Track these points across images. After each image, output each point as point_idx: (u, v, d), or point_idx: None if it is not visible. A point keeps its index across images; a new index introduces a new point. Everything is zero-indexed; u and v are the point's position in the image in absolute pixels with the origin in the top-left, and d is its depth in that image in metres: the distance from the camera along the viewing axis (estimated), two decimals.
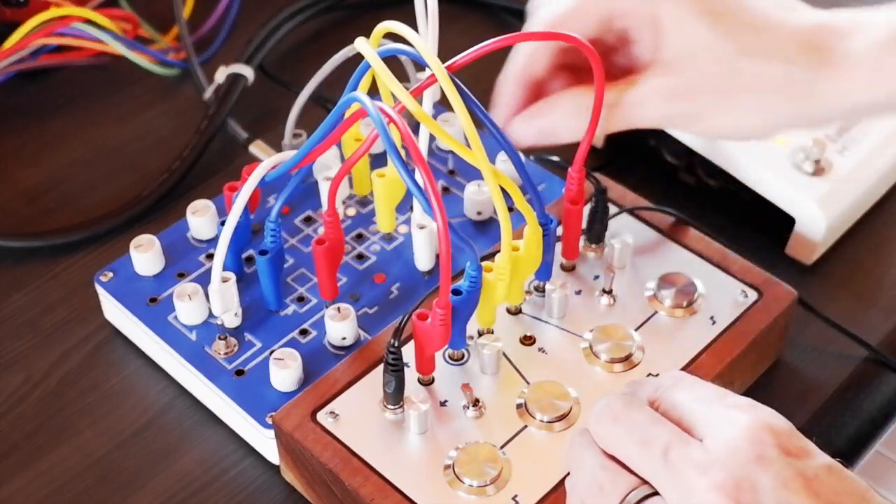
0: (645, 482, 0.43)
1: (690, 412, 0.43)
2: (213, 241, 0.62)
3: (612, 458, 0.44)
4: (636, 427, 0.43)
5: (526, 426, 0.52)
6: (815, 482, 0.40)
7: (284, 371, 0.54)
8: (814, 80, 0.52)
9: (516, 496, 0.49)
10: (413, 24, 0.53)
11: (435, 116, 0.65)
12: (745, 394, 0.58)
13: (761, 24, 0.53)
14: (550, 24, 0.54)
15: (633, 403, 0.44)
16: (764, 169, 0.64)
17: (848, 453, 0.57)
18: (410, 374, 0.53)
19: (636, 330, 0.56)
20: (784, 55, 0.53)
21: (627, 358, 0.54)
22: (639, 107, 0.54)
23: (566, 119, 0.55)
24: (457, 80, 0.48)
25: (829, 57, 0.53)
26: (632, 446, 0.43)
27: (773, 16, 0.53)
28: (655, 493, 0.42)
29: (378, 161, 0.65)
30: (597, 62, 0.51)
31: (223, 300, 0.55)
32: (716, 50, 0.52)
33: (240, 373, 0.56)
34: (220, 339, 0.57)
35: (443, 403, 0.53)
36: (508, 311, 0.57)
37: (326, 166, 0.64)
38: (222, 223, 0.55)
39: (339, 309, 0.56)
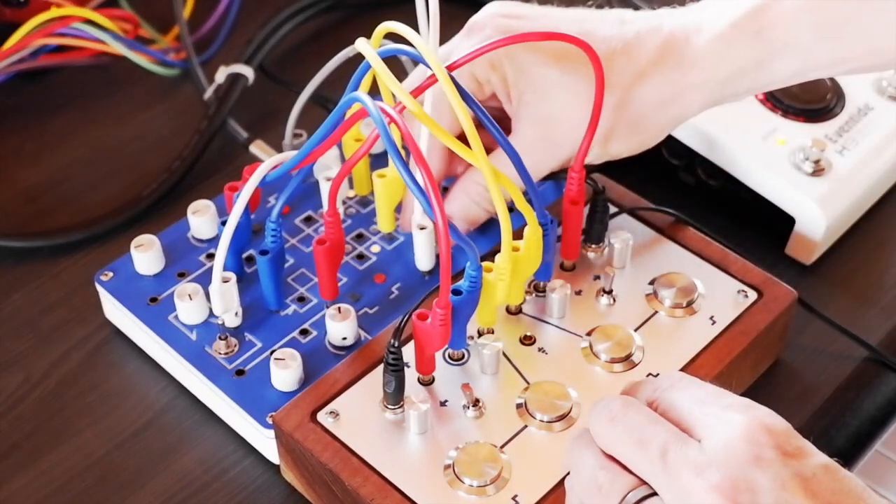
0: (643, 482, 0.43)
1: (688, 413, 0.43)
2: (213, 241, 0.62)
3: (611, 458, 0.44)
4: (634, 427, 0.43)
5: (526, 426, 0.52)
6: (813, 482, 0.40)
7: (285, 371, 0.54)
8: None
9: (516, 496, 0.49)
10: (413, 24, 0.53)
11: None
12: (745, 394, 0.58)
13: (618, 50, 0.55)
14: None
15: (632, 404, 0.45)
16: (764, 169, 0.64)
17: (848, 453, 0.57)
18: (410, 374, 0.53)
19: (636, 330, 0.56)
20: (628, 78, 0.55)
21: (627, 358, 0.54)
22: (528, 164, 0.54)
23: (472, 205, 0.58)
24: (457, 80, 0.48)
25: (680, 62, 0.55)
26: (630, 446, 0.43)
27: (607, 37, 0.55)
28: (654, 494, 0.42)
29: (378, 161, 0.65)
30: (596, 62, 0.51)
31: (224, 300, 0.55)
32: (575, 86, 0.54)
33: (240, 373, 0.56)
34: (220, 338, 0.57)
35: (443, 403, 0.53)
36: (508, 311, 0.57)
37: (327, 166, 0.64)
38: (223, 223, 0.55)
39: (339, 309, 0.56)
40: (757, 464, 0.40)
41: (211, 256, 0.61)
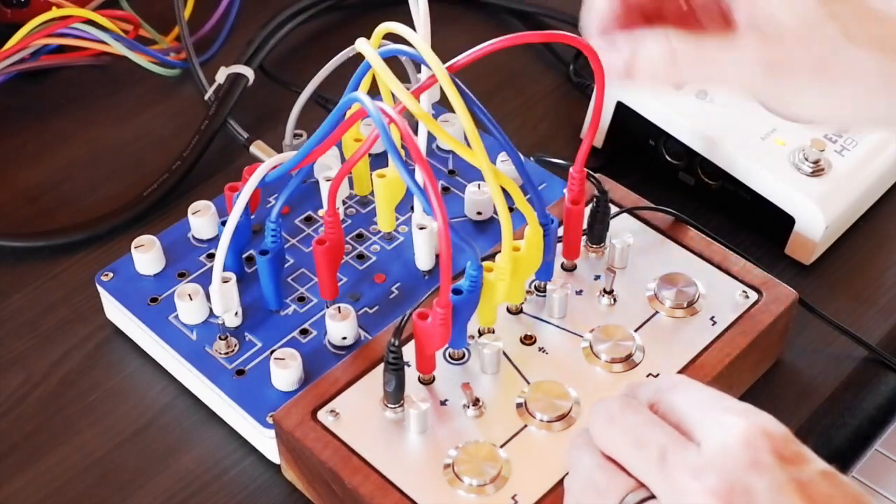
0: (641, 485, 0.43)
1: (688, 415, 0.43)
2: (213, 241, 0.62)
3: (610, 459, 0.44)
4: (633, 428, 0.43)
5: (526, 426, 0.52)
6: (810, 487, 0.40)
7: (285, 371, 0.54)
8: None
9: (515, 495, 0.49)
10: (413, 24, 0.53)
11: (435, 117, 0.65)
12: (746, 394, 0.59)
13: (874, 17, 0.48)
14: None
15: (631, 405, 0.44)
16: (764, 169, 0.64)
17: (848, 453, 0.57)
18: (411, 374, 0.53)
19: (636, 330, 0.56)
20: (892, 47, 0.49)
21: (627, 358, 0.55)
22: (735, 69, 0.49)
23: (650, 62, 0.50)
24: (457, 80, 0.48)
25: None
26: (628, 448, 0.43)
27: (892, 16, 0.49)
28: (652, 497, 0.42)
29: (378, 161, 0.65)
30: (596, 62, 0.51)
31: (224, 300, 0.55)
32: (821, 30, 0.48)
33: (240, 372, 0.56)
34: (220, 338, 0.57)
35: (443, 403, 0.53)
36: (509, 310, 0.57)
37: (327, 166, 0.64)
38: (223, 223, 0.55)
39: (339, 309, 0.56)
40: (754, 468, 0.40)
41: (211, 256, 0.61)
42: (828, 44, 0.48)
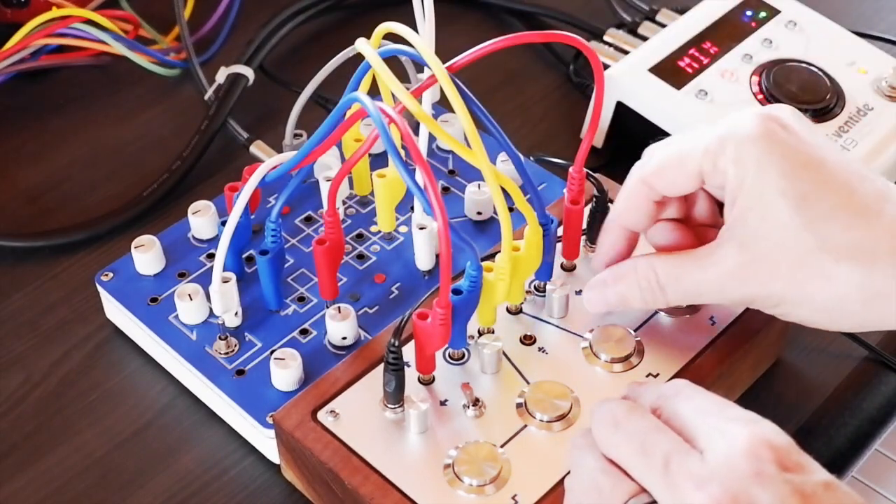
0: (644, 490, 0.43)
1: (692, 423, 0.43)
2: (213, 242, 0.62)
3: (613, 462, 0.44)
4: (637, 434, 0.43)
5: (526, 426, 0.52)
6: (813, 499, 0.40)
7: (285, 371, 0.54)
8: None
9: (516, 496, 0.49)
10: (413, 24, 0.53)
11: (435, 117, 0.65)
12: (746, 394, 0.59)
13: (857, 215, 0.47)
14: (659, 166, 0.51)
15: (636, 409, 0.44)
16: None
17: (848, 453, 0.57)
18: (411, 374, 0.53)
19: (636, 330, 0.56)
20: (870, 255, 0.47)
21: (627, 358, 0.54)
22: (717, 293, 0.51)
23: (635, 291, 0.53)
24: (457, 80, 0.48)
25: None
26: (632, 453, 0.43)
27: (866, 206, 0.48)
28: (654, 503, 0.42)
29: (378, 161, 0.65)
30: (596, 62, 0.51)
31: (224, 300, 0.55)
32: (796, 241, 0.48)
33: (240, 372, 0.56)
34: (220, 338, 0.57)
35: (443, 403, 0.53)
36: (509, 310, 0.57)
37: (327, 166, 0.64)
38: (223, 223, 0.55)
39: (339, 309, 0.56)
40: (758, 479, 0.40)
41: (211, 256, 0.61)
42: (803, 256, 0.48)
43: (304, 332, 0.58)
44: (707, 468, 0.41)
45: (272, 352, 0.56)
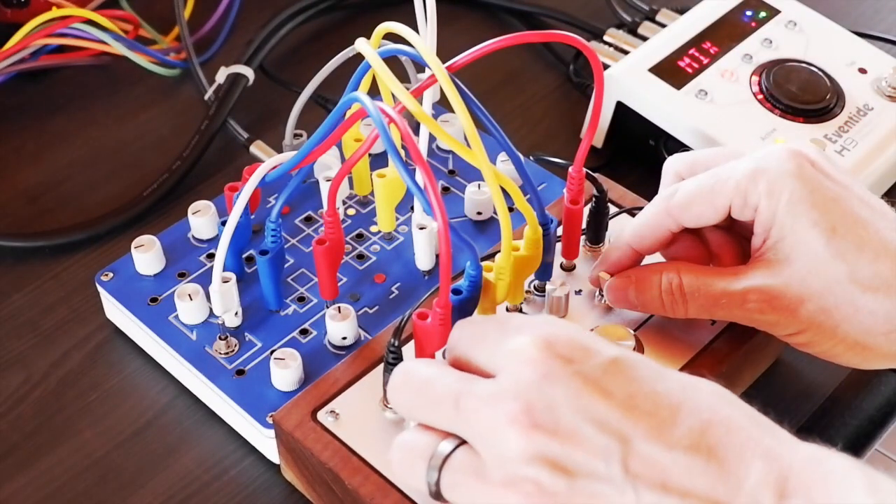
0: (451, 435, 0.42)
1: (478, 354, 0.43)
2: (213, 242, 0.62)
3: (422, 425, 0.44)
4: (422, 386, 0.43)
5: None
6: (604, 380, 0.40)
7: (285, 371, 0.54)
8: None
9: None
10: (413, 24, 0.53)
11: (435, 117, 0.65)
12: (746, 394, 0.58)
13: (881, 251, 0.49)
14: (687, 200, 0.52)
15: (422, 363, 0.44)
16: None
17: (848, 453, 0.56)
18: None
19: (636, 330, 0.56)
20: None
21: None
22: (739, 306, 0.51)
23: (656, 296, 0.53)
24: (457, 80, 0.48)
25: None
26: (424, 406, 0.43)
27: (891, 240, 0.50)
28: (464, 443, 0.42)
29: (378, 161, 0.65)
30: (596, 62, 0.51)
31: (224, 300, 0.55)
32: (826, 270, 0.49)
33: (240, 372, 0.56)
34: (220, 338, 0.57)
35: None
36: (508, 310, 0.57)
37: (327, 166, 0.64)
38: (223, 223, 0.55)
39: (339, 309, 0.56)
40: (547, 380, 0.40)
41: (211, 256, 0.61)
42: (833, 285, 0.49)
43: (304, 332, 0.58)
44: (496, 388, 0.41)
45: (272, 352, 0.56)
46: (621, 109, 0.69)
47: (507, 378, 0.41)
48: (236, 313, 0.57)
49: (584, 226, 0.59)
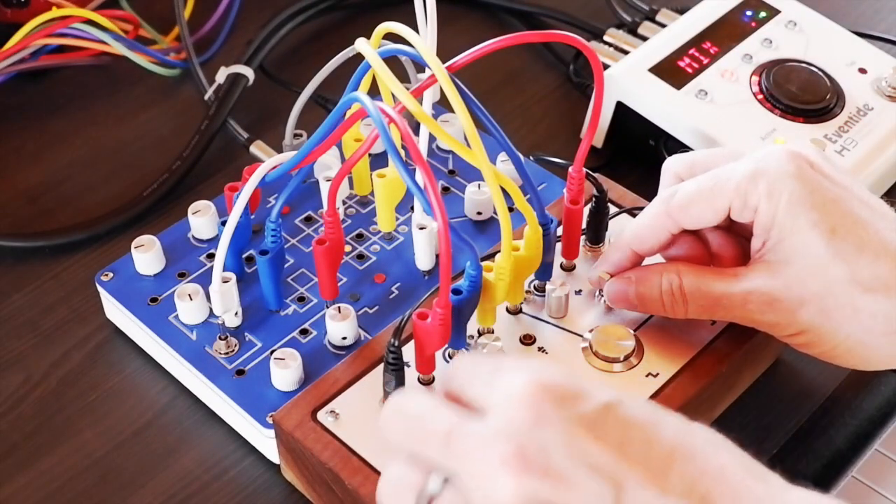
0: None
1: (470, 391, 0.42)
2: (213, 242, 0.62)
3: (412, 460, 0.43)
4: (415, 420, 0.42)
5: None
6: (598, 425, 0.40)
7: (285, 371, 0.54)
8: None
9: None
10: (413, 24, 0.53)
11: (435, 117, 0.65)
12: (746, 393, 0.59)
13: (880, 252, 0.49)
14: (687, 201, 0.52)
15: (415, 396, 0.43)
16: None
17: (848, 453, 0.57)
18: (410, 374, 0.53)
19: (636, 330, 0.56)
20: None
21: (627, 358, 0.54)
22: (740, 307, 0.52)
23: (656, 296, 0.53)
24: (457, 80, 0.48)
25: None
26: (416, 442, 0.42)
27: (890, 241, 0.50)
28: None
29: (378, 161, 0.65)
30: (596, 62, 0.51)
31: (224, 300, 0.55)
32: (826, 271, 0.49)
33: (240, 372, 0.56)
34: (220, 338, 0.57)
35: None
36: (508, 310, 0.57)
37: (327, 166, 0.64)
38: (223, 223, 0.55)
39: (339, 309, 0.56)
40: (540, 424, 0.39)
41: (211, 256, 0.61)
42: (833, 286, 0.49)
43: (304, 332, 0.58)
44: (489, 428, 0.40)
45: (272, 352, 0.56)
46: (621, 109, 0.69)
47: (499, 419, 0.40)
48: (236, 313, 0.57)
49: (584, 226, 0.59)
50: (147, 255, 0.60)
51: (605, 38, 0.76)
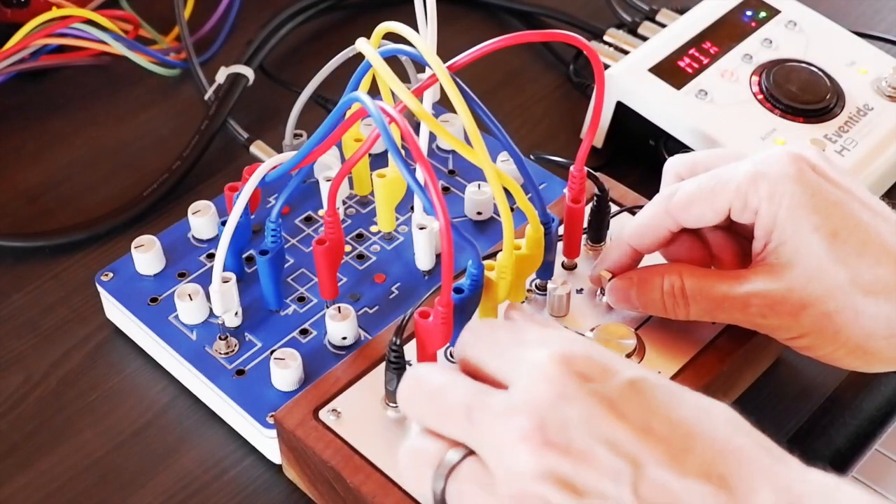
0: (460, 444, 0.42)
1: (492, 364, 0.43)
2: (213, 242, 0.62)
3: (431, 432, 0.43)
4: (435, 393, 0.42)
5: None
6: (620, 403, 0.40)
7: (285, 371, 0.54)
8: None
9: None
10: (413, 24, 0.53)
11: (435, 117, 0.65)
12: (746, 393, 0.59)
13: (882, 255, 0.49)
14: (687, 200, 0.52)
15: (434, 369, 0.44)
16: None
17: (848, 453, 0.57)
18: None
19: (637, 329, 0.56)
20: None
21: (628, 357, 0.54)
22: (741, 310, 0.51)
23: (658, 297, 0.53)
24: (458, 79, 0.48)
25: None
26: (436, 414, 0.42)
27: (892, 244, 0.50)
28: (472, 453, 0.41)
29: (378, 161, 0.65)
30: (596, 61, 0.51)
31: (224, 300, 0.55)
32: (828, 275, 0.49)
33: (240, 372, 0.56)
34: (220, 338, 0.57)
35: None
36: None
37: (327, 166, 0.64)
38: (223, 223, 0.55)
39: (339, 309, 0.56)
40: (562, 400, 0.40)
41: (211, 256, 0.61)
42: (834, 290, 0.49)
43: (304, 332, 0.58)
44: (510, 402, 0.40)
45: (272, 352, 0.56)
46: (621, 109, 0.69)
47: (521, 393, 0.41)
48: (236, 313, 0.57)
49: (585, 225, 0.59)
50: (147, 255, 0.60)
51: (605, 38, 0.76)
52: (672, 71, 0.68)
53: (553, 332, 0.44)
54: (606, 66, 0.70)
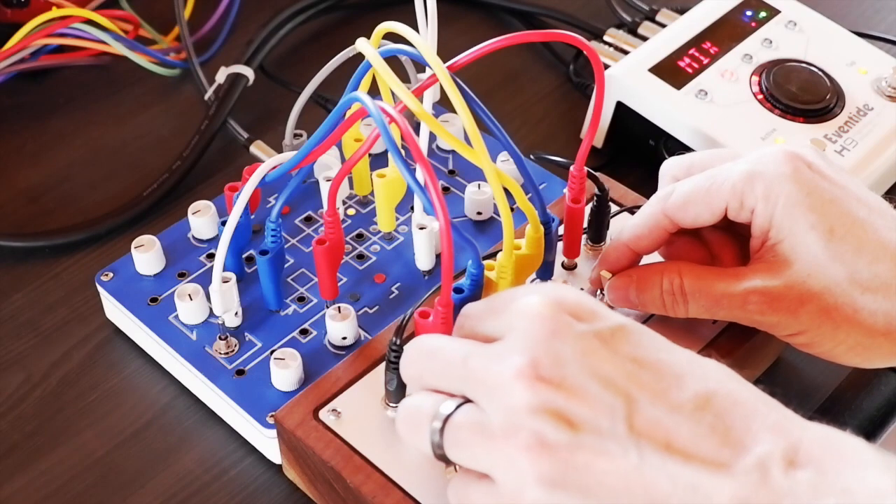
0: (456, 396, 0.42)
1: (487, 324, 0.44)
2: (213, 242, 0.62)
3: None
4: (433, 352, 0.43)
5: None
6: (612, 341, 0.41)
7: (285, 371, 0.54)
8: None
9: None
10: (413, 24, 0.53)
11: (434, 117, 0.65)
12: None
13: (879, 251, 0.50)
14: (683, 200, 0.52)
15: (434, 335, 0.44)
16: None
17: None
18: None
19: None
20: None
21: None
22: (740, 307, 0.51)
23: (657, 295, 0.53)
24: (458, 79, 0.48)
25: None
26: (434, 371, 0.43)
27: (890, 241, 0.50)
28: (468, 401, 0.42)
29: (378, 161, 0.65)
30: (596, 61, 0.51)
31: (224, 300, 0.55)
32: (826, 272, 0.49)
33: (240, 372, 0.56)
34: (220, 338, 0.57)
35: None
36: None
37: (327, 166, 0.64)
38: (223, 223, 0.55)
39: (339, 309, 0.56)
40: (555, 337, 0.40)
41: (211, 256, 0.61)
42: (832, 287, 0.49)
43: (304, 332, 0.58)
44: (504, 345, 0.41)
45: (272, 352, 0.56)
46: (621, 109, 0.69)
47: (515, 335, 0.41)
48: (236, 313, 0.57)
49: (585, 225, 0.59)
50: (147, 255, 0.60)
51: (605, 38, 0.76)
52: (672, 71, 0.68)
53: (545, 283, 0.44)
54: (606, 66, 0.70)
